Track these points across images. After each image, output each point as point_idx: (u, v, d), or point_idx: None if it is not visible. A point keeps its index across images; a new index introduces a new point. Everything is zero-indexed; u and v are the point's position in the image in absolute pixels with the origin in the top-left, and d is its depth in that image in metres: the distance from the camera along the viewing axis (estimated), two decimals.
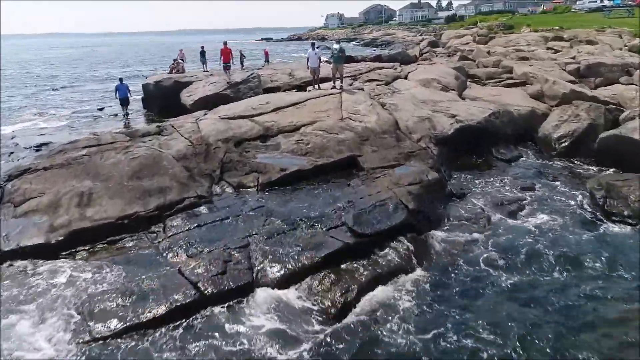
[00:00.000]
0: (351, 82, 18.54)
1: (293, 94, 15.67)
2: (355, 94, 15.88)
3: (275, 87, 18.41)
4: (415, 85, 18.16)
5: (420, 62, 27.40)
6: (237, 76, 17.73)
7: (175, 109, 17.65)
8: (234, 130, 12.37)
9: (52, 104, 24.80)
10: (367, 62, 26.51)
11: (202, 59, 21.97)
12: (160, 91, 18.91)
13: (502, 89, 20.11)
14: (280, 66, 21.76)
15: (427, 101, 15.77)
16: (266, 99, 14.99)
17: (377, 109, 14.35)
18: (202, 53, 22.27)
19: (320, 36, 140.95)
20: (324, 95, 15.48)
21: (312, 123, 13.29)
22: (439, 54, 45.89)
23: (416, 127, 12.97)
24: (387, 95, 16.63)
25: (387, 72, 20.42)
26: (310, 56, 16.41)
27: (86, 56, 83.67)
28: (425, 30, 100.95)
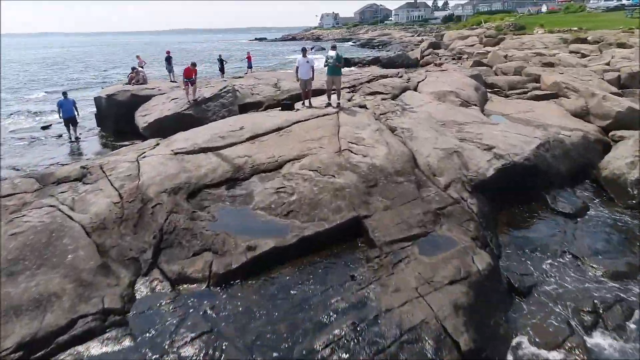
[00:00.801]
0: (350, 96, 14.99)
1: (276, 115, 12.09)
2: (357, 114, 12.35)
3: (256, 102, 14.85)
4: (430, 101, 14.64)
5: (429, 68, 23.88)
6: (207, 90, 14.15)
7: (134, 129, 14.12)
8: (190, 173, 8.81)
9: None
10: (367, 68, 22.98)
11: (167, 66, 18.18)
12: (115, 107, 15.30)
13: (531, 102, 16.67)
14: (265, 75, 18.18)
15: (449, 123, 12.28)
16: (241, 122, 11.41)
17: (387, 137, 10.84)
18: (167, 59, 18.49)
19: (315, 36, 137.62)
20: (317, 116, 11.95)
21: (300, 158, 9.79)
22: (442, 56, 42.58)
23: (442, 166, 9.45)
24: (397, 114, 13.13)
25: (393, 83, 16.89)
26: (300, 64, 12.88)
27: (66, 57, 79.59)
28: (422, 30, 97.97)
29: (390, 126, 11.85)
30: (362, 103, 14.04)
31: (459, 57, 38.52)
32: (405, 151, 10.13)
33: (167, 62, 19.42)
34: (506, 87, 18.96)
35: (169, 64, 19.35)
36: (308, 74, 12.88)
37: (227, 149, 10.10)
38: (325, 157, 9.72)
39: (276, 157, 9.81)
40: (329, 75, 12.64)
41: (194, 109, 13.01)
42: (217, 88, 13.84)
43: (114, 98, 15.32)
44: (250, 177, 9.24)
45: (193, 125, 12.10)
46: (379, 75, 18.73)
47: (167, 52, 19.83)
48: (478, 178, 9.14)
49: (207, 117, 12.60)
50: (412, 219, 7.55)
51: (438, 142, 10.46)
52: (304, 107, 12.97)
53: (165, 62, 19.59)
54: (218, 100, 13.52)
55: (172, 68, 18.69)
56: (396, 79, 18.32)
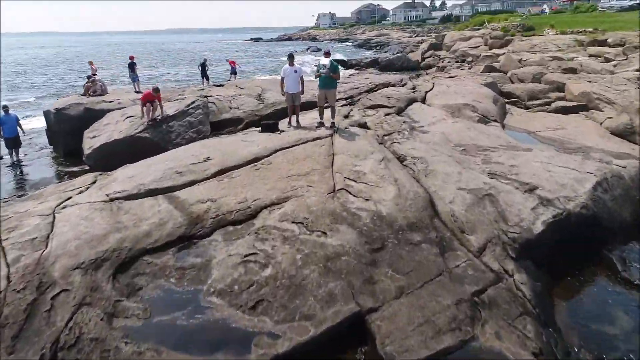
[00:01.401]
0: (348, 111, 12.51)
1: (254, 139, 9.59)
2: (356, 137, 9.88)
3: (234, 118, 12.33)
4: (444, 117, 12.18)
5: (436, 75, 21.39)
6: (173, 105, 11.84)
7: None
8: (124, 232, 6.34)
9: None
10: (367, 75, 20.49)
11: (131, 74, 15.51)
12: (66, 123, 12.69)
13: (559, 117, 14.24)
14: (248, 84, 15.65)
15: (470, 148, 9.85)
16: (208, 150, 8.93)
17: (394, 170, 8.39)
18: (130, 66, 15.85)
19: (312, 36, 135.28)
20: (305, 141, 9.47)
21: (281, 202, 7.36)
22: (443, 58, 40.19)
23: (472, 218, 6.99)
24: (404, 135, 10.68)
25: (397, 93, 14.42)
26: (286, 75, 10.40)
27: (58, 58, 76.75)
28: (420, 30, 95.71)
29: (398, 154, 9.39)
30: (362, 121, 11.55)
31: (463, 59, 36.14)
32: (420, 193, 7.66)
33: (131, 69, 16.08)
34: (525, 97, 16.53)
35: (132, 71, 16.03)
36: (296, 87, 10.40)
37: (185, 190, 7.61)
38: (314, 202, 7.27)
39: (249, 202, 7.35)
40: (321, 89, 10.16)
41: (151, 131, 10.44)
42: (185, 103, 11.29)
43: (64, 113, 12.66)
44: (211, 234, 6.79)
45: (149, 152, 9.59)
46: (381, 84, 16.24)
47: (131, 58, 16.42)
48: (522, 236, 6.67)
49: (170, 141, 10.09)
50: (439, 317, 5.08)
51: (462, 180, 7.99)
52: (290, 127, 10.49)
53: (129, 69, 16.23)
54: (184, 119, 10.91)
55: (136, 76, 16.00)
56: (400, 88, 15.84)
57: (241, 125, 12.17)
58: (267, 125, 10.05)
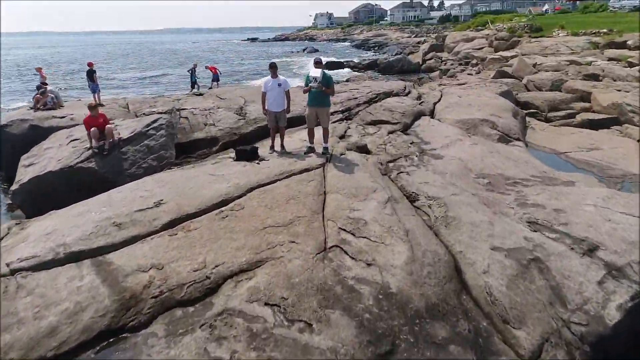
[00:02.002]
0: (344, 129, 10.50)
1: (226, 171, 7.55)
2: (354, 169, 7.86)
3: (208, 138, 10.22)
4: (459, 137, 10.19)
5: (443, 81, 19.36)
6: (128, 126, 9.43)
7: None
8: (15, 332, 4.34)
9: None
10: (366, 81, 18.49)
11: (90, 84, 13.27)
12: (6, 143, 10.58)
13: (590, 133, 12.29)
14: (230, 94, 13.56)
15: (497, 180, 7.88)
16: (161, 190, 6.92)
17: (404, 218, 6.42)
18: (89, 75, 13.40)
19: (309, 36, 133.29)
20: (290, 174, 7.46)
21: (253, 269, 5.43)
22: (446, 60, 38.21)
23: (517, 299, 5.00)
24: (413, 163, 8.70)
25: (401, 105, 12.43)
26: (267, 89, 8.35)
27: (54, 58, 74.51)
28: (419, 31, 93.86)
29: (408, 190, 7.40)
30: (362, 142, 9.54)
31: (467, 62, 34.18)
32: (441, 254, 5.67)
33: (89, 79, 13.35)
34: (546, 108, 14.57)
35: (91, 80, 13.28)
36: (280, 104, 8.37)
37: (123, 252, 5.60)
38: (297, 269, 5.30)
39: (209, 269, 5.36)
40: (312, 107, 8.14)
41: (98, 160, 8.12)
42: (144, 122, 9.14)
43: (5, 131, 10.56)
44: (150, 323, 4.79)
45: (96, 188, 7.56)
46: (382, 93, 14.24)
47: (89, 65, 13.76)
48: (592, 330, 4.69)
49: (122, 172, 8.01)
50: None
51: (496, 234, 5.99)
52: (273, 153, 8.47)
53: (87, 78, 13.53)
54: (142, 142, 8.75)
55: (97, 86, 13.34)
56: (404, 98, 13.84)
57: (216, 146, 10.15)
58: (243, 152, 8.02)
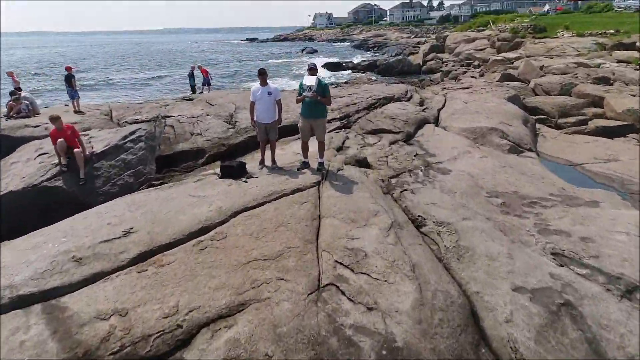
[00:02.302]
0: (342, 140, 9.66)
1: (207, 194, 6.69)
2: (353, 188, 7.02)
3: (193, 150, 9.33)
4: (468, 148, 9.36)
5: (446, 85, 18.49)
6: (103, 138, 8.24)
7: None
8: None
9: None
10: (365, 85, 17.63)
11: (68, 89, 12.31)
12: None
13: (606, 142, 11.47)
14: (221, 99, 12.68)
15: (512, 201, 7.06)
16: (132, 214, 6.09)
17: (410, 248, 5.61)
18: (67, 79, 12.32)
19: (308, 36, 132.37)
20: (280, 195, 6.61)
21: (233, 315, 4.61)
22: (447, 62, 37.37)
23: (547, 358, 4.15)
24: (418, 178, 7.88)
25: (404, 112, 11.60)
26: (256, 98, 7.49)
27: (57, 59, 73.57)
28: (418, 31, 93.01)
29: (413, 213, 6.57)
30: (361, 155, 8.70)
31: (468, 63, 33.33)
32: (454, 295, 4.84)
33: (67, 84, 12.29)
34: (556, 114, 13.73)
35: (69, 85, 12.23)
36: (270, 115, 7.52)
37: (82, 294, 4.77)
38: (285, 314, 4.49)
39: (181, 314, 4.54)
40: (306, 118, 7.29)
41: (66, 178, 7.10)
42: (121, 134, 8.24)
43: None
44: None
45: (64, 210, 6.73)
46: (383, 98, 13.40)
47: (67, 69, 12.70)
48: None
49: (94, 191, 7.10)
50: None
51: (517, 270, 5.16)
52: (263, 169, 7.62)
53: (65, 83, 12.44)
54: (118, 156, 7.78)
55: (76, 92, 12.25)
56: (407, 104, 13.00)
57: (203, 158, 9.29)
58: (229, 168, 7.17)
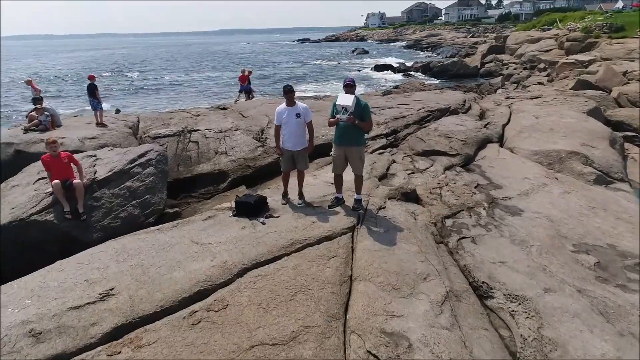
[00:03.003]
0: (386, 164, 8.13)
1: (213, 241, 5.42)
2: (396, 237, 5.52)
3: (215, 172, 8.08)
4: (545, 180, 7.56)
5: (510, 93, 16.39)
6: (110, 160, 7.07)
7: None
8: None
9: None
10: (417, 93, 15.93)
11: (91, 100, 11.00)
12: None
13: None
14: (253, 110, 11.50)
15: (608, 259, 5.34)
16: (117, 268, 4.92)
17: (473, 338, 4.10)
18: (89, 89, 11.13)
19: (360, 36, 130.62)
20: (302, 246, 5.23)
21: None
22: (508, 64, 34.64)
23: None
24: (480, 220, 6.30)
25: (461, 129, 9.92)
26: (282, 120, 6.15)
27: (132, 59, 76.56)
28: (475, 30, 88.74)
29: (475, 278, 5.01)
30: (409, 186, 7.16)
31: (533, 66, 30.58)
32: None
33: (90, 94, 11.09)
34: None
35: (92, 96, 11.00)
36: (299, 140, 6.13)
37: None
38: None
39: None
40: (339, 145, 5.87)
41: (57, 212, 6.03)
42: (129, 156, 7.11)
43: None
44: None
45: (49, 250, 5.73)
46: (436, 110, 11.73)
47: (90, 78, 11.48)
48: None
49: (90, 226, 6.03)
50: None
51: None
52: (286, 204, 6.27)
53: (87, 93, 11.29)
54: (123, 184, 6.39)
55: (99, 103, 10.98)
56: (465, 118, 11.27)
57: (225, 183, 8.11)
58: (245, 206, 5.88)
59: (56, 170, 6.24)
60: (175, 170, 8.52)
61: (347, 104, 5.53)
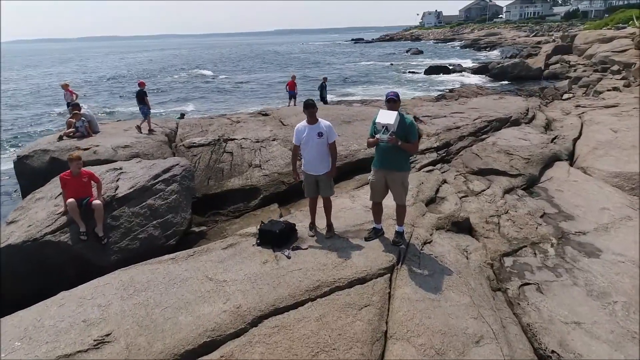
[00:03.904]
0: (436, 187, 7.17)
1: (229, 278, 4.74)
2: (443, 282, 4.61)
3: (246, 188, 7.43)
4: (629, 213, 6.33)
5: (579, 100, 14.73)
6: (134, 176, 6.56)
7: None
8: None
9: None
10: (474, 99, 14.70)
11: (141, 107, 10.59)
12: (25, 178, 8.92)
13: None
14: (294, 117, 10.83)
15: None
16: (120, 307, 4.35)
17: None
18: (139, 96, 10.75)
19: (415, 36, 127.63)
20: (331, 288, 4.44)
21: None
22: (576, 66, 32.05)
23: None
24: (547, 264, 5.26)
25: (524, 144, 8.75)
26: (302, 140, 5.32)
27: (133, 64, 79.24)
28: (539, 29, 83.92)
29: (541, 344, 4.03)
30: (461, 214, 6.18)
31: (605, 68, 27.98)
32: None
33: (139, 100, 10.67)
34: None
35: (142, 103, 10.57)
36: (322, 164, 5.31)
37: None
38: None
39: None
40: (380, 169, 5.02)
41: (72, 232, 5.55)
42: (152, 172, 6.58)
43: (25, 163, 8.87)
44: None
45: (65, 273, 5.34)
46: (495, 120, 10.56)
47: (141, 85, 11.09)
48: None
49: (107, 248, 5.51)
50: None
51: None
52: (314, 236, 5.49)
53: (137, 100, 10.86)
54: (144, 202, 6.04)
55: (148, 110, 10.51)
56: (528, 129, 10.03)
57: (256, 200, 7.48)
58: (270, 235, 5.19)
59: (73, 189, 5.83)
60: (205, 184, 7.99)
61: (389, 122, 4.69)
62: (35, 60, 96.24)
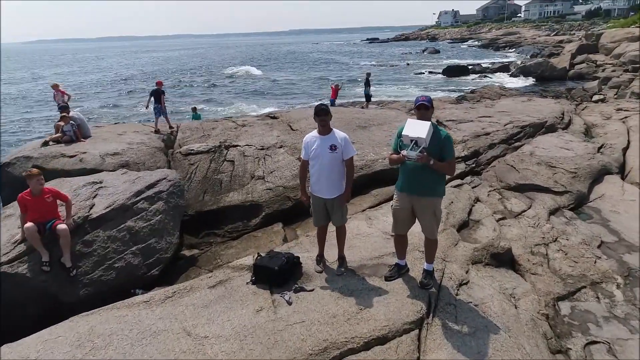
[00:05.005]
0: (469, 207, 6.08)
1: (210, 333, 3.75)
2: (488, 344, 3.52)
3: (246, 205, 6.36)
4: None
5: (619, 101, 13.42)
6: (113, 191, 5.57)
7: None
8: None
9: None
10: (501, 101, 13.50)
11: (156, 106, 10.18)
12: (7, 187, 8.19)
13: None
14: (304, 121, 9.77)
15: None
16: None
17: None
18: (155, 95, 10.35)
19: (431, 36, 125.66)
20: (340, 352, 3.40)
21: None
22: (603, 65, 30.47)
23: None
24: (614, 313, 4.21)
25: (566, 154, 7.61)
26: (311, 154, 4.29)
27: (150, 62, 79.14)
28: (559, 28, 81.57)
29: None
30: (500, 245, 5.08)
31: (635, 68, 26.43)
32: None
33: (156, 100, 10.29)
34: None
35: (157, 102, 10.21)
36: (334, 184, 4.30)
37: None
38: None
39: None
40: (406, 194, 3.98)
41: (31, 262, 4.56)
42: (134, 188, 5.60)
43: (7, 171, 8.04)
44: None
45: (28, 313, 4.40)
46: (528, 125, 9.41)
47: (158, 84, 10.73)
48: None
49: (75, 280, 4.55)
50: None
51: None
52: (322, 271, 4.47)
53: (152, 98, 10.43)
54: (123, 223, 5.10)
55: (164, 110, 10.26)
56: (568, 137, 8.85)
57: (257, 218, 6.48)
58: (267, 272, 4.19)
59: (36, 211, 4.93)
60: (200, 199, 7.02)
61: (420, 136, 3.63)
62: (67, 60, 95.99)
